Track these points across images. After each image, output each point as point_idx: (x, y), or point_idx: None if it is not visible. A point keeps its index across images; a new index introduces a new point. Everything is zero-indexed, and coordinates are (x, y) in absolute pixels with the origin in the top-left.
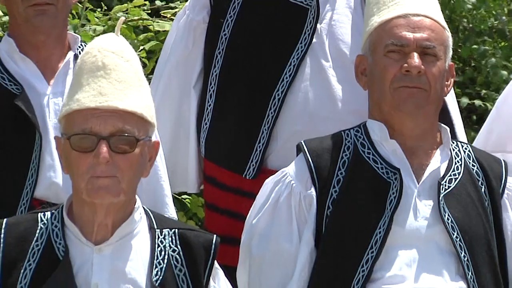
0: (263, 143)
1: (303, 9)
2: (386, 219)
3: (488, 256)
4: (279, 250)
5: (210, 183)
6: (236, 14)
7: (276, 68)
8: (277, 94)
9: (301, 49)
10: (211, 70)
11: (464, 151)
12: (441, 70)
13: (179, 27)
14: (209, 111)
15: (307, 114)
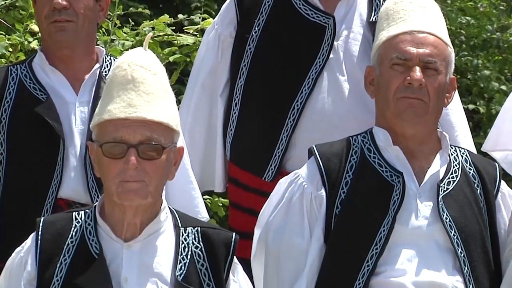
0: (282, 149)
1: (322, 27)
2: (389, 218)
3: (482, 252)
4: (292, 244)
5: (234, 184)
6: (260, 30)
7: (296, 81)
8: (296, 104)
9: (319, 64)
10: (237, 81)
11: (462, 156)
12: (442, 83)
13: (209, 41)
14: (234, 118)
15: (323, 123)
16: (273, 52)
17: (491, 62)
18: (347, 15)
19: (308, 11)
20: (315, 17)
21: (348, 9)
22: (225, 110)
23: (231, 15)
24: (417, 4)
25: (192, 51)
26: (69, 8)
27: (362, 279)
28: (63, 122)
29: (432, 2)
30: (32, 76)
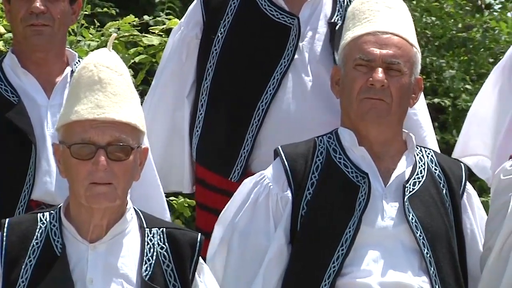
0: (247, 149)
1: (287, 27)
2: (355, 219)
3: (448, 252)
4: (257, 246)
5: (201, 185)
6: (226, 31)
7: (261, 81)
8: (261, 105)
9: (284, 65)
10: (203, 82)
11: (428, 156)
12: (405, 84)
13: (174, 41)
14: (200, 119)
15: (288, 124)
16: (239, 53)
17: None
18: (312, 16)
19: (274, 12)
20: (280, 18)
21: (313, 10)
22: (191, 111)
23: (197, 16)
24: (383, 4)
25: (158, 52)
26: (46, 12)
27: (328, 280)
28: (34, 125)
29: (399, 2)
30: (3, 78)
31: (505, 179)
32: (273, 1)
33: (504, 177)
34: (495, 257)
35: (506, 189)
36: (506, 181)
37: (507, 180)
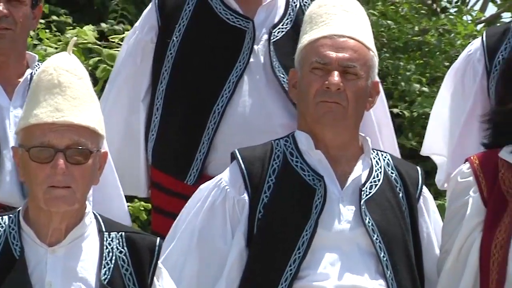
0: (203, 152)
1: (242, 31)
2: (312, 222)
3: (405, 256)
4: (215, 249)
5: (157, 188)
6: (181, 35)
7: (216, 85)
8: (217, 108)
9: (239, 68)
10: (158, 86)
11: (384, 160)
12: (362, 88)
13: (129, 46)
14: (156, 123)
15: (244, 127)
16: (194, 56)
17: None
18: (267, 20)
19: (229, 16)
20: (235, 22)
21: (268, 13)
22: (147, 115)
23: (152, 20)
24: (341, 8)
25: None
26: (9, 16)
27: (285, 283)
28: None
29: (357, 5)
30: None
31: (462, 182)
32: (228, 5)
33: (462, 179)
34: (453, 260)
35: (463, 191)
36: (464, 184)
37: (464, 183)
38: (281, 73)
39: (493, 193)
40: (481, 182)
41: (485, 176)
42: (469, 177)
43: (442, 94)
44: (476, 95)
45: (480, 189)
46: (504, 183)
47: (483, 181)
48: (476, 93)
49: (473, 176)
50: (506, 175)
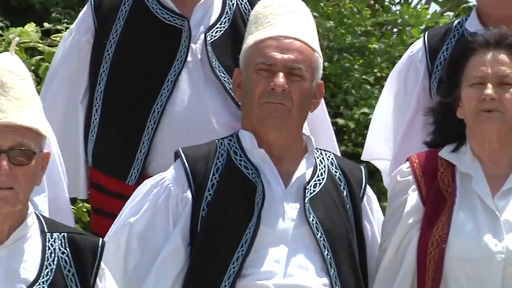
0: (144, 152)
1: (178, 30)
2: (254, 220)
3: (349, 254)
4: (157, 248)
5: (96, 189)
6: (118, 36)
7: (155, 84)
8: (156, 107)
9: (177, 67)
10: (96, 87)
11: (328, 159)
12: (307, 89)
13: (65, 47)
14: (95, 124)
15: (184, 126)
16: (132, 56)
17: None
18: (204, 18)
19: (165, 15)
20: (171, 20)
21: (205, 12)
22: (85, 116)
23: (88, 22)
24: (286, 9)
25: None
26: None
27: (228, 281)
28: None
29: (302, 7)
30: None
31: (402, 181)
32: (164, 5)
33: (401, 178)
34: (391, 258)
35: (402, 190)
36: (403, 183)
37: (404, 182)
38: (221, 73)
39: (432, 192)
40: (420, 181)
41: (424, 175)
42: (408, 176)
43: (385, 95)
44: (418, 95)
45: (419, 188)
46: (443, 182)
47: (422, 180)
48: (418, 93)
49: (412, 175)
50: (445, 174)
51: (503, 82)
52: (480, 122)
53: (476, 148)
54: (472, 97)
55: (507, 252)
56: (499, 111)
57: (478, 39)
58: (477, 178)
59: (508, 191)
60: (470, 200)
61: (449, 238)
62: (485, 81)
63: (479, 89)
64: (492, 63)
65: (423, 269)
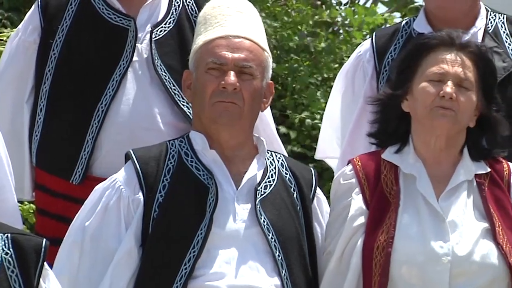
0: (88, 151)
1: (124, 29)
2: (206, 221)
3: (300, 256)
4: (108, 249)
5: (41, 190)
6: (64, 35)
7: (100, 83)
8: (100, 106)
9: (123, 66)
10: (42, 87)
11: (278, 160)
12: (257, 88)
13: (12, 47)
14: (40, 124)
15: (128, 125)
16: (77, 56)
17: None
18: (151, 19)
19: (111, 15)
20: (117, 21)
21: (152, 12)
22: (31, 116)
23: (35, 21)
24: (235, 9)
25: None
26: None
27: (180, 282)
28: None
29: (250, 7)
30: None
31: (345, 184)
32: (111, 5)
33: (344, 181)
34: (336, 262)
35: (345, 193)
36: (346, 186)
37: (347, 185)
38: (163, 72)
39: (375, 195)
40: (363, 184)
41: (367, 177)
42: (351, 179)
43: (334, 95)
44: (365, 95)
45: (363, 190)
46: (386, 184)
47: (365, 183)
48: (366, 93)
49: (355, 178)
50: (388, 177)
51: (461, 84)
52: (433, 118)
53: (420, 146)
54: (430, 92)
55: (453, 254)
56: (453, 110)
57: (440, 36)
58: (420, 179)
59: (452, 191)
60: (414, 202)
61: (394, 242)
62: (445, 79)
63: (437, 85)
64: (453, 63)
65: (369, 273)
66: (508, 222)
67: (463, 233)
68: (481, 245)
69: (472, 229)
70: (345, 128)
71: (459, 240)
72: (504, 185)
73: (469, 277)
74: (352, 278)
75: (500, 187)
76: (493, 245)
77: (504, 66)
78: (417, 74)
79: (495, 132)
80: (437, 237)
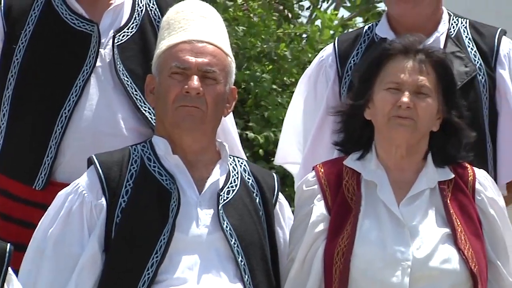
0: (51, 157)
1: (87, 35)
2: (169, 226)
3: (262, 261)
4: (71, 255)
5: (3, 195)
6: (27, 41)
7: (63, 89)
8: (64, 112)
9: (86, 72)
10: (4, 92)
11: (241, 166)
12: (221, 93)
13: None
14: (3, 129)
15: (91, 130)
16: (41, 61)
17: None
18: (114, 24)
19: (74, 20)
20: (81, 26)
21: (115, 17)
22: None
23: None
24: (198, 14)
25: None
26: None
27: (143, 287)
28: None
29: (214, 12)
30: None
31: (307, 190)
32: (74, 10)
33: (307, 188)
34: (298, 268)
35: (308, 200)
36: (309, 192)
37: (309, 191)
38: (125, 76)
39: (337, 201)
40: (326, 190)
41: (329, 184)
42: (314, 185)
43: (295, 100)
44: (328, 100)
45: (325, 197)
46: (348, 190)
47: (327, 189)
48: (328, 98)
49: (318, 184)
50: (350, 183)
51: (419, 91)
52: (391, 128)
53: (382, 154)
54: (387, 101)
55: (413, 259)
56: (412, 119)
57: (398, 45)
58: (382, 186)
59: (414, 198)
60: (375, 208)
61: (354, 248)
62: (402, 88)
63: (396, 94)
64: (411, 71)
65: (330, 279)
66: (472, 227)
67: (424, 238)
68: (441, 250)
69: (433, 235)
70: (307, 133)
71: (420, 245)
72: (468, 191)
73: (430, 282)
74: (313, 284)
75: (464, 193)
76: (454, 250)
77: (466, 70)
78: (377, 83)
79: (459, 137)
80: (397, 243)
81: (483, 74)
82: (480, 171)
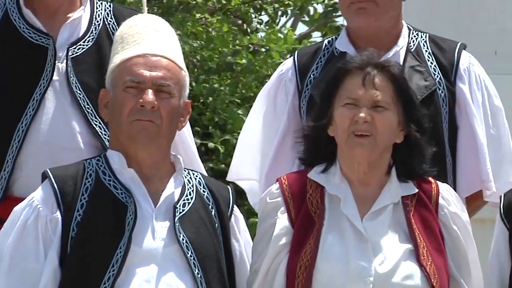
0: (8, 171)
1: (44, 48)
2: (125, 239)
3: (218, 273)
4: (26, 269)
5: None
6: None
7: (20, 103)
8: (21, 126)
9: (43, 85)
10: None
11: (196, 178)
12: (175, 106)
13: None
14: None
15: (48, 145)
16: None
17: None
18: (71, 38)
19: (31, 34)
20: (37, 39)
21: (72, 31)
22: None
23: None
24: (152, 27)
25: None
26: None
27: None
28: None
29: (167, 25)
30: None
31: (271, 202)
32: (31, 24)
33: (270, 200)
34: (261, 281)
35: (271, 212)
36: (272, 204)
37: (273, 203)
38: (78, 89)
39: (301, 214)
40: (289, 202)
41: (293, 197)
42: (277, 197)
43: (253, 115)
44: (288, 114)
45: (288, 210)
46: (311, 204)
47: (291, 202)
48: (289, 112)
49: (281, 196)
50: (314, 196)
51: (376, 105)
52: (350, 146)
53: (345, 169)
54: (346, 117)
55: (375, 274)
56: (371, 134)
57: (354, 61)
58: (345, 200)
59: (377, 213)
60: (339, 222)
61: (317, 262)
62: (359, 103)
63: (353, 109)
64: (367, 86)
65: None
66: (434, 242)
67: (387, 254)
68: (403, 266)
69: (395, 250)
70: (267, 148)
71: (382, 260)
72: (432, 206)
73: None
74: None
75: (428, 208)
76: (416, 266)
77: (426, 84)
78: (336, 100)
79: (420, 150)
80: (360, 258)
81: (442, 88)
82: (444, 185)
